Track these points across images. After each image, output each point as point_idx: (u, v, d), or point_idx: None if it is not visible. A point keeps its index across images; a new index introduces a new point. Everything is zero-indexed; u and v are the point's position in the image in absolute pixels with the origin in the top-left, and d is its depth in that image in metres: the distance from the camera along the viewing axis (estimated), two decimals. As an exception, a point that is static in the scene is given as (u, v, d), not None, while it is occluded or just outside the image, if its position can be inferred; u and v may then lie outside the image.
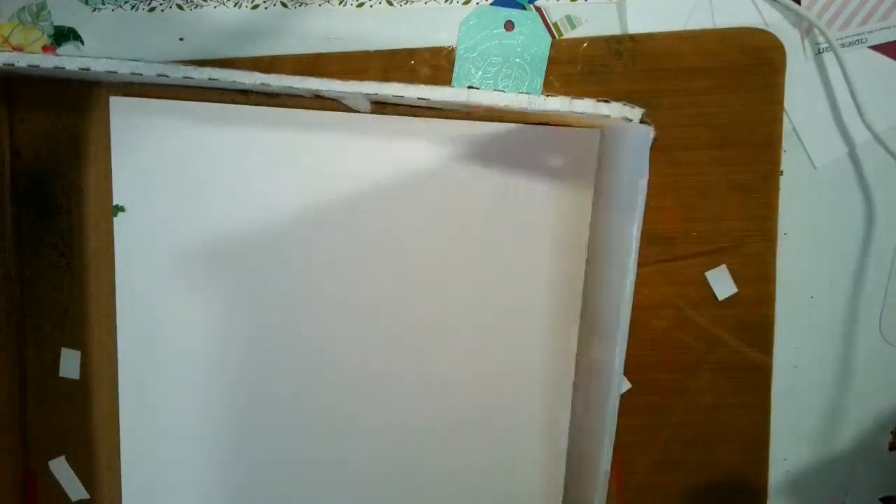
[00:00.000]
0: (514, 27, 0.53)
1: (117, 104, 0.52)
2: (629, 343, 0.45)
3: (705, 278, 0.54)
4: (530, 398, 0.54)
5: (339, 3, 0.54)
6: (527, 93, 0.51)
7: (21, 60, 0.45)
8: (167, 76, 0.46)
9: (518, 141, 0.51)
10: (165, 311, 0.54)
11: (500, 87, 0.53)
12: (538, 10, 0.53)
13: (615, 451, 0.46)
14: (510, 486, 0.55)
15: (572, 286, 0.52)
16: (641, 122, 0.45)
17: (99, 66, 0.46)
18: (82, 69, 0.46)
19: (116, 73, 0.46)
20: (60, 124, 0.53)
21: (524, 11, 0.53)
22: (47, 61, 0.46)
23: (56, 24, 0.54)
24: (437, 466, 0.55)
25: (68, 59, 0.46)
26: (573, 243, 0.52)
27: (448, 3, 0.53)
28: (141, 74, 0.46)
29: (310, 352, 0.54)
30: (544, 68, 0.53)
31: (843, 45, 0.52)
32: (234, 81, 0.47)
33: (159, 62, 0.47)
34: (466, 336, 0.53)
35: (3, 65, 0.45)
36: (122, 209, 0.53)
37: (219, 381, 0.54)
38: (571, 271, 0.52)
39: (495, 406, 0.54)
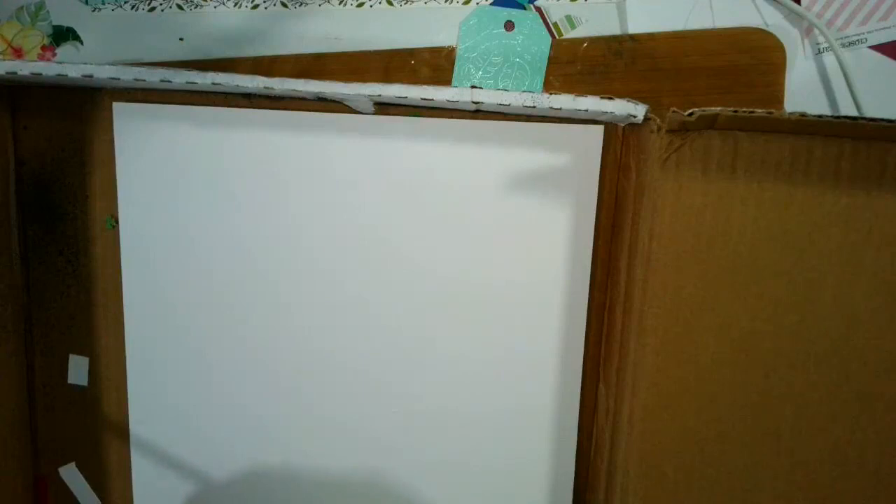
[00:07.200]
0: (514, 27, 0.53)
1: (120, 110, 0.52)
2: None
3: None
4: (537, 393, 0.54)
5: (339, 3, 0.53)
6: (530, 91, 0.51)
7: (24, 69, 0.45)
8: (170, 81, 0.46)
9: (521, 139, 0.51)
10: (173, 316, 0.54)
11: (501, 87, 0.53)
12: (538, 10, 0.53)
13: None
14: (517, 476, 0.56)
15: (578, 282, 0.53)
16: (646, 118, 0.45)
17: (102, 73, 0.45)
18: (85, 76, 0.45)
19: (119, 79, 0.46)
20: (64, 131, 0.53)
21: (524, 11, 0.53)
22: (50, 69, 0.45)
23: (55, 23, 0.54)
24: (446, 459, 0.56)
25: (71, 67, 0.45)
26: (579, 239, 0.52)
27: (448, 3, 0.53)
28: (144, 80, 0.46)
29: (319, 353, 0.54)
30: (544, 68, 0.53)
31: (843, 45, 0.52)
32: (238, 86, 0.46)
33: (161, 66, 0.47)
34: (473, 333, 0.54)
35: (6, 73, 0.45)
36: (127, 214, 0.53)
37: (229, 386, 0.54)
38: (577, 267, 0.52)
39: (502, 401, 0.55)
